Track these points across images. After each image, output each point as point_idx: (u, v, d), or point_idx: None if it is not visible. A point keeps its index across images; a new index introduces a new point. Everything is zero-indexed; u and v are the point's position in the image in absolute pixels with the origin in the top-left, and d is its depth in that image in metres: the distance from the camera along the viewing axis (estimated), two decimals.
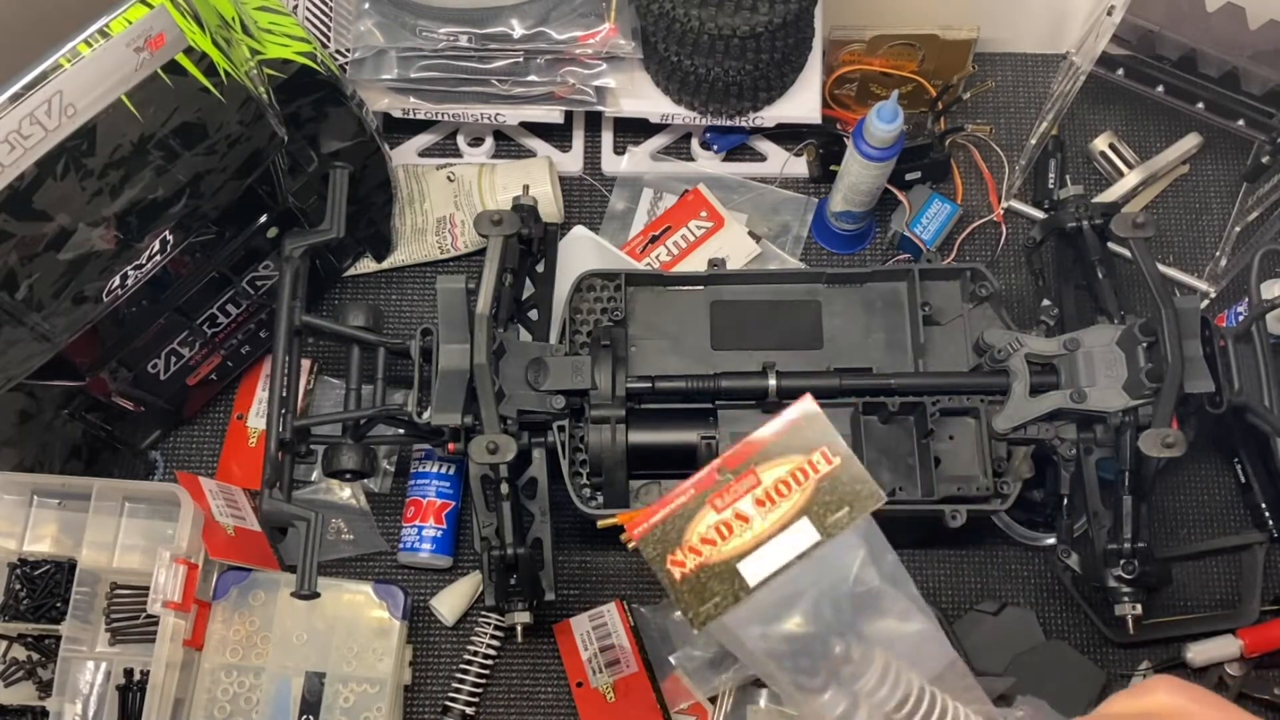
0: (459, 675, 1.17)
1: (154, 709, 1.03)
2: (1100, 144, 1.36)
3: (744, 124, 1.30)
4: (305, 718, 1.11)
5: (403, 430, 1.12)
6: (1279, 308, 1.10)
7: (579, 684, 1.16)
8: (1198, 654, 1.15)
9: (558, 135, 1.36)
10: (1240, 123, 1.30)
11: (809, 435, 0.69)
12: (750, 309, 1.15)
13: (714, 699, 1.14)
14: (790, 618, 0.68)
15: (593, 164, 1.36)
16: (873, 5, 1.31)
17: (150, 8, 0.89)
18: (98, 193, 0.92)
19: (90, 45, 0.86)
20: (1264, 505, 1.21)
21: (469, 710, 1.16)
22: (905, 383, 1.08)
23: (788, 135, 1.35)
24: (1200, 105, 1.31)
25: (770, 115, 1.29)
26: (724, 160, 1.36)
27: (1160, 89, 1.32)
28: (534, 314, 1.19)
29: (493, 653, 1.18)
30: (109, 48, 0.87)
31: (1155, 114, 1.37)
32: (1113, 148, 1.36)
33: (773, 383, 1.07)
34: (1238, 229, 1.26)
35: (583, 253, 1.28)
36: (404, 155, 1.35)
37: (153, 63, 0.90)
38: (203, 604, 1.11)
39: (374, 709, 1.12)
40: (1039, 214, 1.33)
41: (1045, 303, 1.17)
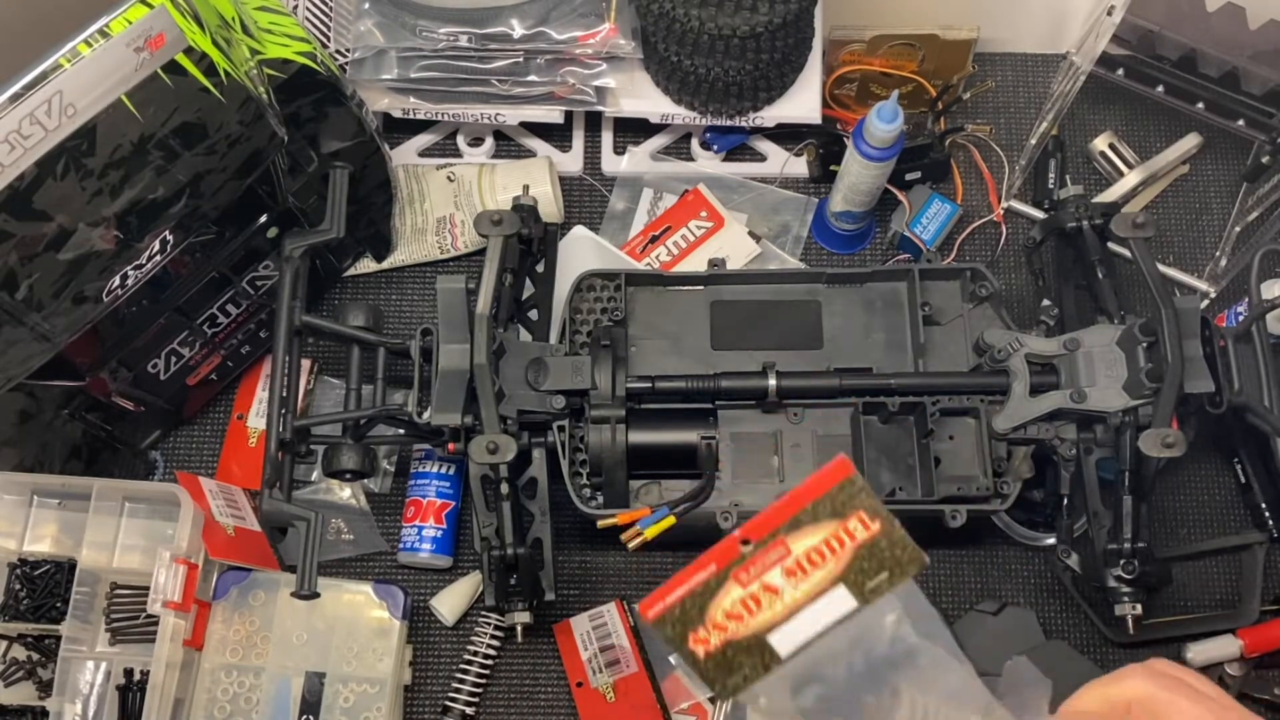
0: (459, 675, 1.17)
1: (154, 709, 1.03)
2: (1100, 144, 1.36)
3: (744, 124, 1.30)
4: (305, 718, 1.11)
5: (403, 430, 1.12)
6: (1279, 308, 1.09)
7: (579, 684, 1.16)
8: (1198, 654, 1.15)
9: (558, 135, 1.36)
10: (1240, 123, 1.30)
11: (843, 499, 0.63)
12: (750, 309, 1.15)
13: (714, 699, 1.14)
14: (821, 678, 0.64)
15: (593, 164, 1.36)
16: (873, 5, 1.31)
17: (150, 8, 0.88)
18: (98, 193, 0.92)
19: (90, 45, 0.86)
20: (1264, 505, 1.21)
21: (469, 710, 1.16)
22: (905, 383, 1.08)
23: (788, 135, 1.35)
24: (1200, 105, 1.31)
25: (770, 115, 1.29)
26: (724, 160, 1.36)
27: (1160, 89, 1.32)
28: (534, 314, 1.19)
29: (493, 653, 1.18)
30: (109, 48, 0.87)
31: (1155, 114, 1.37)
32: (1113, 148, 1.36)
33: (773, 383, 1.07)
34: (1238, 229, 1.26)
35: (583, 253, 1.28)
36: (404, 155, 1.35)
37: (153, 63, 0.90)
38: (203, 604, 1.11)
39: (374, 709, 1.12)
40: (1039, 214, 1.33)
41: (1045, 303, 1.17)
